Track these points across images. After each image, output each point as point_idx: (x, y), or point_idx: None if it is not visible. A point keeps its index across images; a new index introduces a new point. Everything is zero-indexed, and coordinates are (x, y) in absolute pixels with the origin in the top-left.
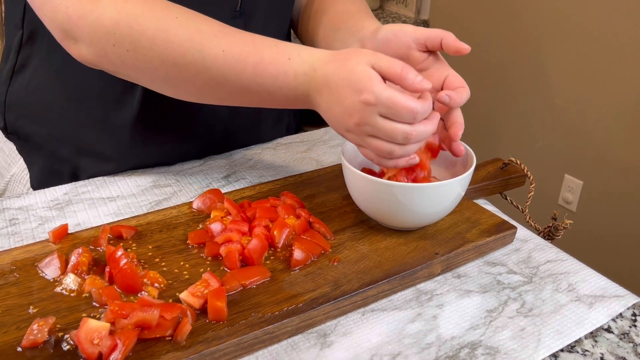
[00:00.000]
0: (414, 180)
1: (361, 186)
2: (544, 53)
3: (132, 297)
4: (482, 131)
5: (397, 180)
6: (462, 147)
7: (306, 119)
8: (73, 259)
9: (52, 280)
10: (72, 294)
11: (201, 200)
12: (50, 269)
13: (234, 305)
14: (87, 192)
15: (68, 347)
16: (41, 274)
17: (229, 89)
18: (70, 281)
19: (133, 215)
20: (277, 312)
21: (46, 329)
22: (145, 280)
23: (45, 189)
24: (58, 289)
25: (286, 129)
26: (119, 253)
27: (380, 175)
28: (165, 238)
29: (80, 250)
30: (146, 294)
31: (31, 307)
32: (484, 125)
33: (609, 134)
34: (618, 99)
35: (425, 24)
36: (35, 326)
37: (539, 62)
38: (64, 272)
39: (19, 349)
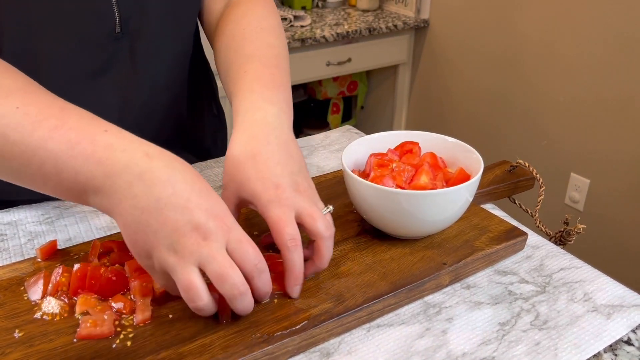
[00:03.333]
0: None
1: (364, 194)
2: (547, 51)
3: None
4: (486, 132)
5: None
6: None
7: (307, 123)
8: (53, 279)
9: (33, 303)
10: (55, 318)
11: None
12: (32, 289)
13: (230, 323)
14: (78, 204)
15: None
16: (26, 295)
17: (6, 156)
18: (51, 306)
19: None
20: (277, 331)
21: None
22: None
23: (36, 203)
24: (37, 315)
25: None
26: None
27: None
28: None
29: (60, 270)
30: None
31: (17, 330)
32: (487, 125)
33: (614, 130)
34: (622, 95)
35: (426, 23)
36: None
37: (541, 61)
38: (45, 294)
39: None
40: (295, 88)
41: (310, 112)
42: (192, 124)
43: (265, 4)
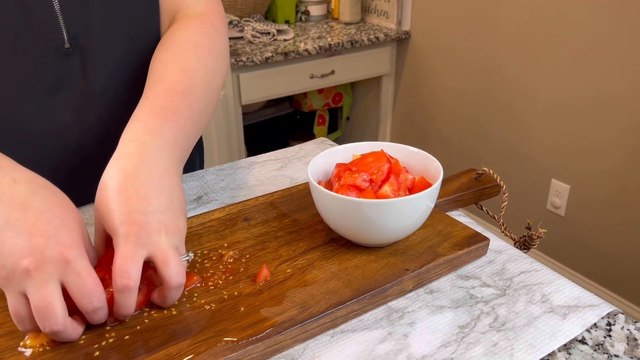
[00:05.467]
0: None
1: (329, 204)
2: (526, 59)
3: None
4: (468, 139)
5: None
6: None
7: (294, 134)
8: None
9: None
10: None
11: None
12: None
13: (197, 332)
14: None
15: None
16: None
17: None
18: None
19: None
20: (242, 338)
21: None
22: None
23: None
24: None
25: None
26: None
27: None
28: None
29: None
30: None
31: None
32: (469, 133)
33: (593, 137)
34: (601, 101)
35: (407, 34)
36: None
37: (521, 69)
38: None
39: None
40: (281, 100)
41: (297, 124)
42: None
43: (201, 21)
